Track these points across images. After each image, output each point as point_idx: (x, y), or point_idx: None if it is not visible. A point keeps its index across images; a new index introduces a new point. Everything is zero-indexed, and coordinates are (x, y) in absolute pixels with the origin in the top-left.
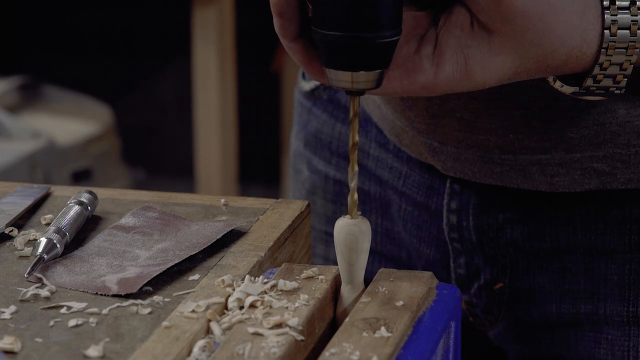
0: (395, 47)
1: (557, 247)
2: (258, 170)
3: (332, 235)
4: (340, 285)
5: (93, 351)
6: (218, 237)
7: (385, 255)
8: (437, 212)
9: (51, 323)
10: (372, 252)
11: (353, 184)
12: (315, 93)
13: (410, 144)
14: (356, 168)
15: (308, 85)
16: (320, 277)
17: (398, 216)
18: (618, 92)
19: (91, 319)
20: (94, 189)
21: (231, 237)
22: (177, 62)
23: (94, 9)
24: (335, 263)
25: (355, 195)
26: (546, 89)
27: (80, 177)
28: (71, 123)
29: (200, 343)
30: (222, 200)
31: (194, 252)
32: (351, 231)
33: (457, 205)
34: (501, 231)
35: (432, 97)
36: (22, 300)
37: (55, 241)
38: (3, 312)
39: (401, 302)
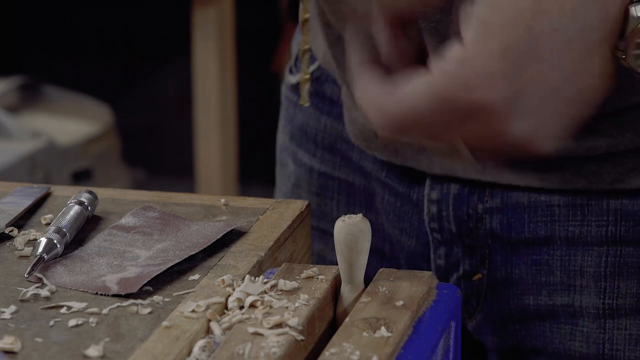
0: None
1: (535, 238)
2: (258, 170)
3: (317, 229)
4: (340, 285)
5: (93, 351)
6: (218, 237)
7: (370, 248)
8: (419, 202)
9: (51, 323)
10: None
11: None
12: (299, 86)
13: (383, 147)
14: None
15: (294, 78)
16: (320, 277)
17: (381, 207)
18: None
19: (91, 319)
20: (94, 189)
21: (231, 237)
22: (177, 62)
23: (94, 9)
24: (320, 256)
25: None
26: None
27: (80, 177)
28: (71, 123)
29: (200, 343)
30: (222, 200)
31: (194, 252)
32: (351, 231)
33: (438, 196)
34: (480, 221)
35: None
36: (22, 300)
37: (55, 241)
38: (3, 312)
39: (401, 302)
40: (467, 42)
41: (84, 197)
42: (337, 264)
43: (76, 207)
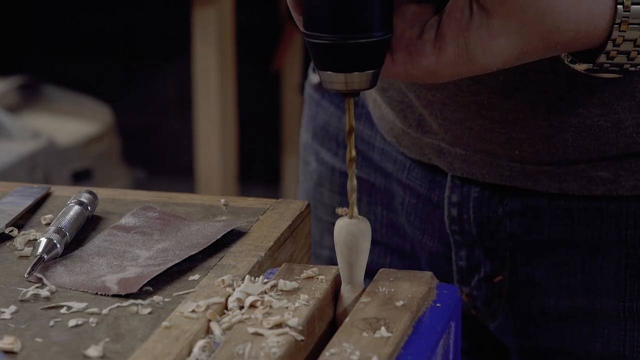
0: (387, 46)
1: (555, 241)
2: (258, 170)
3: None
4: (340, 285)
5: (93, 351)
6: (218, 237)
7: (391, 247)
8: (439, 204)
9: (51, 323)
10: (378, 243)
11: (353, 180)
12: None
13: (411, 145)
14: (354, 153)
15: (316, 78)
16: (320, 277)
17: (402, 208)
18: (632, 69)
19: (91, 319)
20: (94, 189)
21: (231, 237)
22: (177, 62)
23: (94, 9)
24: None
25: (354, 196)
26: (549, 110)
27: (80, 177)
28: (71, 123)
29: (200, 343)
30: (222, 200)
31: (194, 252)
32: (351, 231)
33: (458, 198)
34: (501, 224)
35: (445, 105)
36: (22, 300)
37: (55, 241)
38: (3, 312)
39: (401, 302)
40: None
41: (84, 197)
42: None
43: (76, 207)
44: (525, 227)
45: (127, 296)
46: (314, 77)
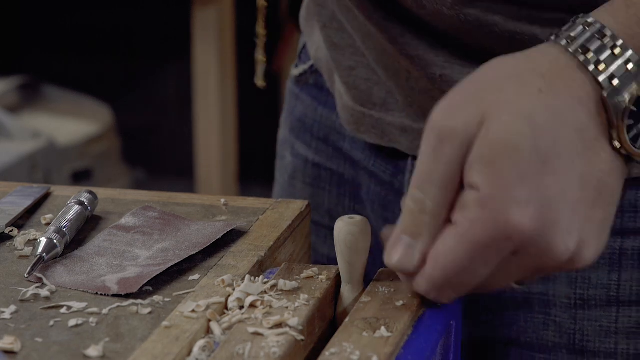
0: None
1: None
2: (258, 170)
3: (312, 221)
4: (340, 285)
5: (93, 351)
6: (218, 237)
7: None
8: (401, 190)
9: (51, 323)
10: None
11: None
12: (303, 78)
13: (372, 129)
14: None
15: (297, 70)
16: (320, 277)
17: (367, 198)
18: None
19: (91, 319)
20: (94, 189)
21: (231, 237)
22: (177, 62)
23: (94, 9)
24: (313, 248)
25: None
26: None
27: (80, 177)
28: (71, 123)
29: (200, 343)
30: (222, 200)
31: (194, 252)
32: (351, 231)
33: None
34: None
35: (411, 74)
36: (22, 300)
37: (55, 241)
38: (3, 312)
39: (401, 302)
40: (480, 185)
41: (84, 197)
42: (330, 257)
43: (76, 207)
44: None
45: (127, 296)
46: (294, 70)
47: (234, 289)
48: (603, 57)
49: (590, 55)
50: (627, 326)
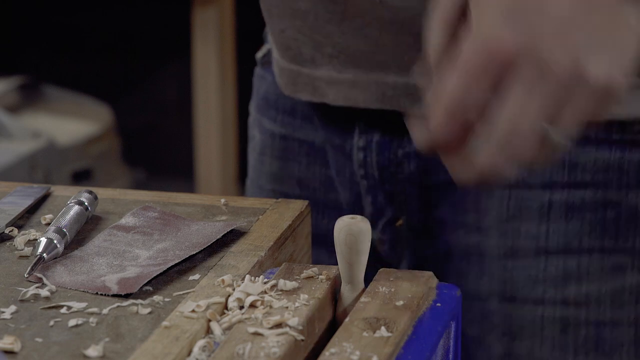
0: None
1: (451, 181)
2: None
3: (280, 193)
4: (340, 285)
5: (93, 351)
6: (218, 237)
7: (328, 205)
8: (351, 153)
9: (51, 323)
10: (319, 207)
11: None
12: (266, 59)
13: (305, 85)
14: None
15: (261, 53)
16: (320, 277)
17: (331, 164)
18: None
19: (91, 319)
20: (94, 189)
21: (231, 237)
22: (177, 62)
23: (94, 9)
24: None
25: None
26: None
27: (80, 177)
28: (71, 123)
29: (200, 343)
30: (222, 200)
31: (194, 252)
32: (351, 231)
33: (364, 143)
34: (400, 166)
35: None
36: (22, 300)
37: (55, 241)
38: (3, 312)
39: (401, 302)
40: (472, 18)
41: (84, 197)
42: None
43: (76, 207)
44: (422, 169)
45: (127, 296)
46: (259, 54)
47: (234, 289)
48: None
49: None
50: (554, 275)
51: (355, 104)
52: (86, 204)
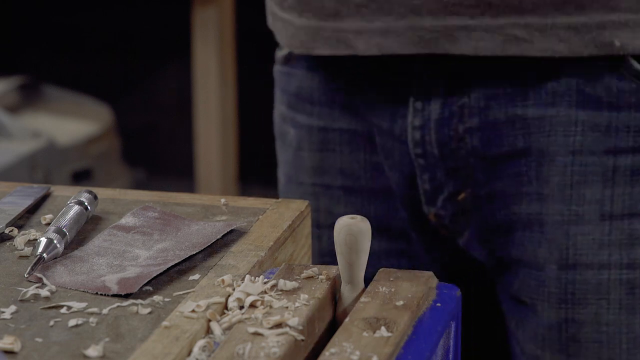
0: None
1: (514, 151)
2: (258, 170)
3: (321, 185)
4: (340, 285)
5: (93, 351)
6: (218, 237)
7: (374, 190)
8: (402, 134)
9: (51, 323)
10: (363, 193)
11: None
12: (290, 56)
13: (327, 40)
14: None
15: (282, 52)
16: (320, 277)
17: (374, 150)
18: None
19: (91, 319)
20: (94, 189)
21: (231, 237)
22: (177, 62)
23: (94, 9)
24: (329, 211)
25: None
26: None
27: (80, 177)
28: (71, 123)
29: (200, 343)
30: (222, 200)
31: (194, 252)
32: (351, 231)
33: (420, 122)
34: (462, 141)
35: None
36: (22, 300)
37: (55, 241)
38: (3, 312)
39: (401, 302)
40: None
41: (84, 197)
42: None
43: (76, 207)
44: (486, 141)
45: (127, 296)
46: (279, 53)
47: (234, 289)
48: None
49: None
50: (619, 238)
51: (391, 50)
52: (86, 204)
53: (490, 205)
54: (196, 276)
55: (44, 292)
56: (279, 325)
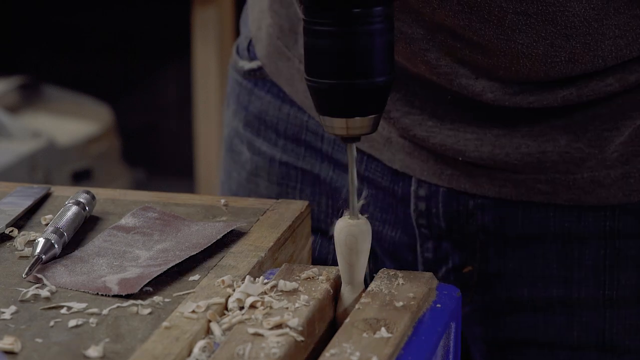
0: (389, 92)
1: (530, 233)
2: None
3: None
4: (340, 285)
5: (93, 351)
6: (218, 237)
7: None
8: (404, 197)
9: (51, 323)
10: (326, 235)
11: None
12: (257, 74)
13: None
14: (356, 211)
15: (249, 65)
16: (320, 277)
17: None
18: None
19: (91, 320)
20: (93, 189)
21: (231, 238)
22: (177, 62)
23: (94, 9)
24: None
25: (354, 198)
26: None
27: (80, 177)
28: (71, 123)
29: (201, 343)
30: (222, 201)
31: (194, 253)
32: (352, 232)
33: (426, 192)
34: (472, 217)
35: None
36: (22, 301)
37: (53, 241)
38: (3, 312)
39: (401, 303)
40: None
41: (82, 198)
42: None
43: (74, 208)
44: (499, 221)
45: (127, 296)
46: (244, 64)
47: (234, 290)
48: None
49: None
50: None
51: (412, 172)
52: (84, 204)
53: (499, 282)
54: (196, 277)
55: (44, 293)
56: (279, 326)
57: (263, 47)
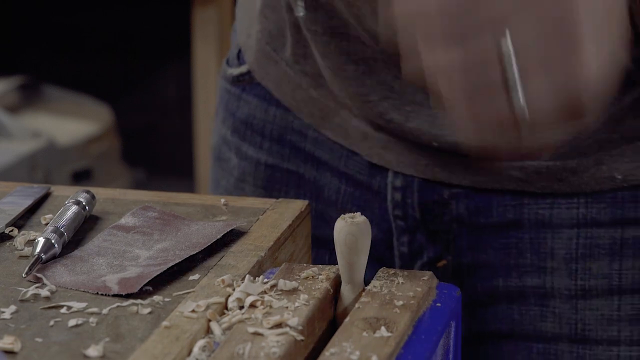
0: None
1: (503, 222)
2: None
3: None
4: (340, 285)
5: (93, 351)
6: (218, 236)
7: (319, 238)
8: (380, 191)
9: (51, 323)
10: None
11: None
12: (245, 78)
13: (335, 127)
14: None
15: (236, 70)
16: (320, 276)
17: (336, 198)
18: None
19: (91, 319)
20: (93, 189)
21: (231, 237)
22: (177, 62)
23: (94, 9)
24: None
25: None
26: None
27: (81, 177)
28: (71, 123)
29: (200, 343)
30: (222, 200)
31: (194, 252)
32: (351, 231)
33: (402, 183)
34: (446, 207)
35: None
36: (22, 300)
37: (53, 241)
38: (3, 312)
39: (401, 302)
40: None
41: (82, 197)
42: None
43: (74, 207)
44: (473, 210)
45: (127, 296)
46: (232, 71)
47: (234, 289)
48: None
49: None
50: (629, 314)
51: (388, 165)
52: (84, 203)
53: (474, 274)
54: (196, 276)
55: (44, 292)
56: (278, 325)
57: (252, 53)
